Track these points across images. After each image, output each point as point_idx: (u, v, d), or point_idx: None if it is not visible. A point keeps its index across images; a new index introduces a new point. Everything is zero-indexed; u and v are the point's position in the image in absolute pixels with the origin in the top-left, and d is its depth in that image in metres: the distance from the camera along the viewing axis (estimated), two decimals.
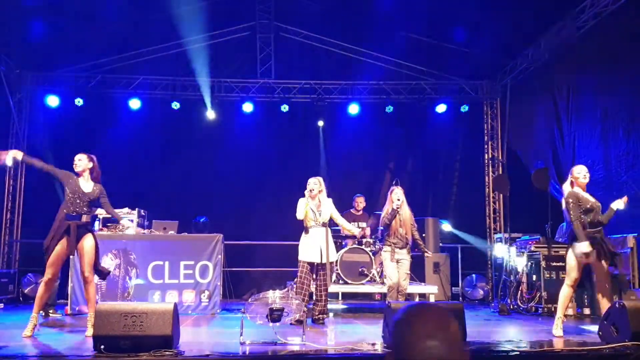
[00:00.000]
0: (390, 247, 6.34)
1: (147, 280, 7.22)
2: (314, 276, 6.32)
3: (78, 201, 5.34)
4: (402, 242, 6.34)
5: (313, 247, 6.20)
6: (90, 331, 5.10)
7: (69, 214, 5.32)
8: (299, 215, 6.26)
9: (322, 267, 6.24)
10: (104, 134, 9.95)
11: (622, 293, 6.79)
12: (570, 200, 5.38)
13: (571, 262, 5.39)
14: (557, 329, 5.39)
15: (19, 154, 5.48)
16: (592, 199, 5.46)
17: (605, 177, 7.67)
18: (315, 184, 6.35)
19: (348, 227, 6.84)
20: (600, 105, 7.85)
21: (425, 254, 6.82)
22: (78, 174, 5.47)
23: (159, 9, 9.03)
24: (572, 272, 5.40)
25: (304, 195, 6.33)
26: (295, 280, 6.30)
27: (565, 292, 5.46)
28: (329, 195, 6.53)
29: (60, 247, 5.25)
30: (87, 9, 8.81)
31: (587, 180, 5.55)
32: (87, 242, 5.36)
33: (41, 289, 5.29)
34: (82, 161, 5.48)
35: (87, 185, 5.45)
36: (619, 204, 5.46)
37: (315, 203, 6.34)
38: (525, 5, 8.16)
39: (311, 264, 6.24)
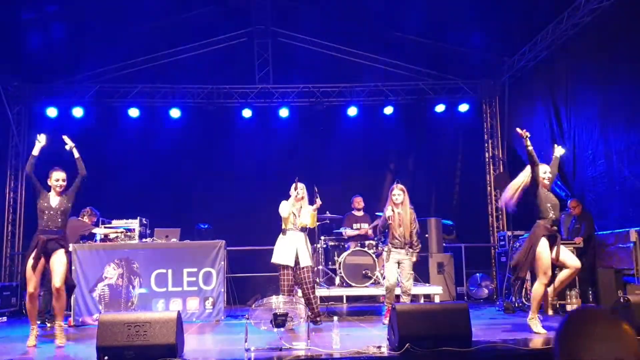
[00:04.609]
0: (389, 247, 6.33)
1: (150, 289, 7.20)
2: (295, 279, 6.44)
3: (47, 217, 5.39)
4: (401, 241, 6.28)
5: (288, 249, 6.38)
6: (62, 340, 5.24)
7: (43, 228, 5.38)
8: (284, 213, 6.42)
9: (301, 271, 6.37)
10: (104, 144, 9.97)
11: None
12: None
13: (545, 261, 5.36)
14: (537, 326, 5.32)
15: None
16: (554, 199, 5.65)
17: (607, 172, 7.62)
18: (302, 189, 6.53)
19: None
20: (599, 100, 7.80)
21: (411, 259, 6.32)
22: (49, 189, 5.51)
23: (156, 18, 9.06)
24: (548, 270, 5.38)
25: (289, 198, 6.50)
26: (281, 284, 6.40)
27: (541, 291, 5.39)
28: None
29: (34, 260, 5.32)
30: (84, 20, 8.83)
31: (549, 181, 5.70)
32: (58, 258, 5.36)
33: (27, 303, 5.39)
34: (65, 182, 5.54)
35: (55, 199, 5.48)
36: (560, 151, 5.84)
37: (297, 207, 6.49)
38: (521, 3, 8.16)
39: (286, 267, 6.34)
